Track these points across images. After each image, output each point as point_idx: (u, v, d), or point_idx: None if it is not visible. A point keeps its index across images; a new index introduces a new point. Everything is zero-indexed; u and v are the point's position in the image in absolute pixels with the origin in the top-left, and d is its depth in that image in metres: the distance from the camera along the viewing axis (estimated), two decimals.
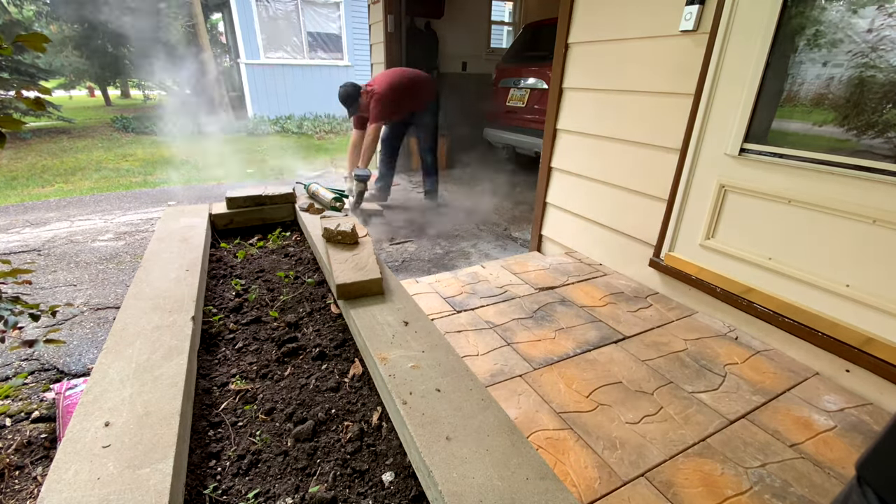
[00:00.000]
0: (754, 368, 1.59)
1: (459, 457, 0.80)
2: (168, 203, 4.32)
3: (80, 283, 2.56)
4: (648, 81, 1.99)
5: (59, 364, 1.87)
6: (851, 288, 1.47)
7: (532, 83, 4.22)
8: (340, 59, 10.74)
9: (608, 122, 2.22)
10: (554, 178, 2.66)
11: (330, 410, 1.08)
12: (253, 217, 2.11)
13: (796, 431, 1.32)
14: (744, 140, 1.68)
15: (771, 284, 1.69)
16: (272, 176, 5.62)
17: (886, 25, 1.34)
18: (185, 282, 1.40)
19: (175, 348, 1.07)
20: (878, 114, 1.40)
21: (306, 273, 1.77)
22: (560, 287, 2.16)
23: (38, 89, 1.31)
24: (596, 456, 1.20)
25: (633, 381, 1.50)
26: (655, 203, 2.05)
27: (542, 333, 1.76)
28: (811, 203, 1.53)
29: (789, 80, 1.60)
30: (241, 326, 1.42)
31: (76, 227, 3.56)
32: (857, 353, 1.46)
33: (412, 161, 5.36)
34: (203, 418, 1.04)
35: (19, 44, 1.00)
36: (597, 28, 2.19)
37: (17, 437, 1.45)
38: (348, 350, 1.33)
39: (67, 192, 4.79)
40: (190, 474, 0.87)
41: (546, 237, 2.82)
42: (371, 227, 3.56)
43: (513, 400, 1.40)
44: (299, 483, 0.89)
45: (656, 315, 1.92)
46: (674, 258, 2.00)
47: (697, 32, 1.76)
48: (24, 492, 1.28)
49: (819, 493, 1.12)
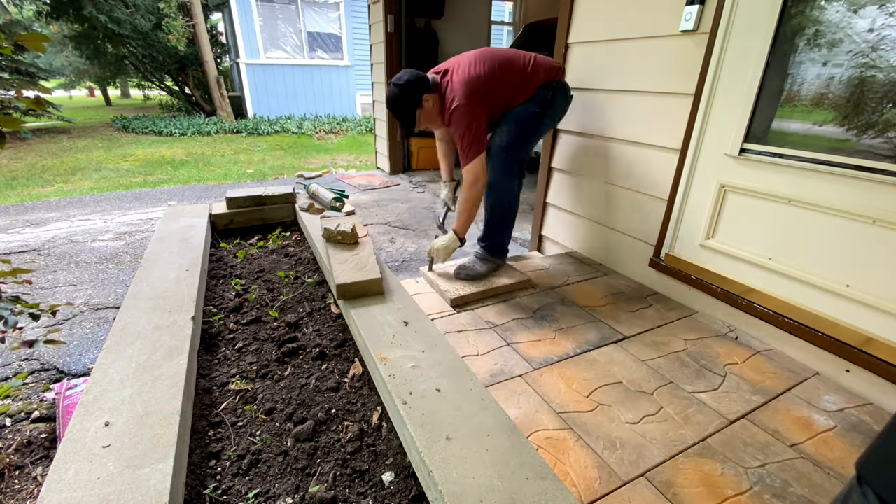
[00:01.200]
0: (754, 368, 1.59)
1: (459, 457, 0.80)
2: (168, 203, 4.32)
3: (80, 283, 2.56)
4: (648, 81, 1.99)
5: (59, 364, 1.87)
6: (851, 288, 1.47)
7: None
8: (340, 59, 10.74)
9: (608, 121, 2.22)
10: (554, 178, 2.66)
11: (330, 410, 1.08)
12: (253, 217, 2.11)
13: (796, 431, 1.32)
14: (744, 140, 1.68)
15: (771, 284, 1.69)
16: (272, 176, 5.62)
17: (887, 25, 1.34)
18: (185, 282, 1.40)
19: (175, 348, 1.07)
20: (879, 113, 1.40)
21: (306, 273, 1.77)
22: (560, 287, 2.16)
23: (38, 89, 1.31)
24: (596, 456, 1.20)
25: (633, 381, 1.50)
26: (655, 203, 2.05)
27: (542, 333, 1.76)
28: (811, 203, 1.53)
29: (789, 80, 1.60)
30: (241, 326, 1.42)
31: (76, 227, 3.56)
32: (857, 353, 1.46)
33: (413, 160, 5.35)
34: (203, 418, 1.04)
35: (19, 44, 1.00)
36: (597, 28, 2.19)
37: (17, 437, 1.45)
38: (348, 350, 1.33)
39: (67, 192, 4.79)
40: (190, 474, 0.87)
41: (546, 237, 2.82)
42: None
43: (513, 400, 1.40)
44: (299, 483, 0.89)
45: (656, 315, 1.92)
46: (674, 258, 2.00)
47: (697, 32, 1.76)
48: (24, 492, 1.28)
49: (819, 493, 1.12)
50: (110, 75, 11.75)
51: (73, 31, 9.67)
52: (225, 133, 8.94)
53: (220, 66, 10.94)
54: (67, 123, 9.25)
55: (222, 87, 9.79)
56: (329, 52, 10.59)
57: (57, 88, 15.51)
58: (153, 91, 12.89)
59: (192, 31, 9.45)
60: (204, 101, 10.53)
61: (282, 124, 9.41)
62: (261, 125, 9.24)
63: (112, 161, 6.47)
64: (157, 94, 13.33)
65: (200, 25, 9.33)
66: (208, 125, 9.08)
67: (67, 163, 6.33)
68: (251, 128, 9.09)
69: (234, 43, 10.13)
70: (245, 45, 9.53)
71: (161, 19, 9.31)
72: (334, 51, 10.64)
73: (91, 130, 9.19)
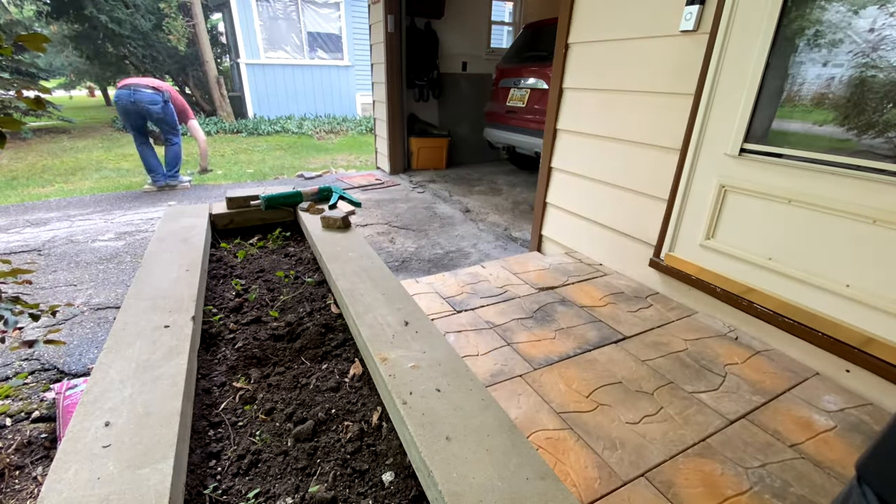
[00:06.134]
0: (754, 368, 1.59)
1: (459, 457, 0.80)
2: (168, 203, 4.32)
3: (80, 283, 2.56)
4: (648, 81, 1.99)
5: (60, 364, 1.87)
6: (851, 288, 1.47)
7: (532, 83, 4.22)
8: (340, 59, 10.74)
9: (608, 122, 2.22)
10: (554, 178, 2.66)
11: (330, 410, 1.08)
12: (253, 217, 2.11)
13: (796, 431, 1.32)
14: (744, 140, 1.68)
15: (771, 284, 1.69)
16: (272, 176, 5.62)
17: (888, 25, 1.34)
18: (185, 282, 1.40)
19: (175, 348, 1.07)
20: (879, 113, 1.40)
21: (306, 273, 1.77)
22: (560, 287, 2.16)
23: (39, 89, 1.31)
24: (596, 456, 1.20)
25: (633, 381, 1.50)
26: (655, 203, 2.05)
27: (542, 333, 1.76)
28: (811, 203, 1.53)
29: (789, 80, 1.60)
30: (241, 326, 1.42)
31: (76, 227, 3.56)
32: (857, 353, 1.46)
33: (413, 160, 5.35)
34: (203, 418, 1.04)
35: (19, 44, 1.00)
36: (597, 28, 2.19)
37: (18, 437, 1.45)
38: (348, 350, 1.33)
39: (67, 192, 4.79)
40: (190, 474, 0.87)
41: (546, 237, 2.82)
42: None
43: (513, 400, 1.40)
44: (299, 483, 0.89)
45: (656, 315, 1.92)
46: (674, 258, 2.00)
47: (697, 32, 1.76)
48: (24, 492, 1.28)
49: (819, 493, 1.12)
50: (110, 75, 11.73)
51: (73, 31, 9.66)
52: (225, 133, 8.94)
53: (221, 66, 10.93)
54: (67, 123, 9.25)
55: (222, 87, 9.79)
56: (329, 52, 10.59)
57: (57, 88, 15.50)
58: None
59: (192, 31, 9.46)
60: (204, 101, 10.53)
61: (282, 124, 9.41)
62: (261, 125, 9.24)
63: (112, 161, 6.47)
64: None
65: (200, 25, 9.33)
66: (208, 125, 9.08)
67: (68, 163, 6.34)
68: (251, 128, 9.09)
69: (234, 43, 10.13)
70: (245, 45, 9.52)
71: (161, 19, 9.32)
72: (334, 51, 10.64)
73: (91, 130, 9.19)
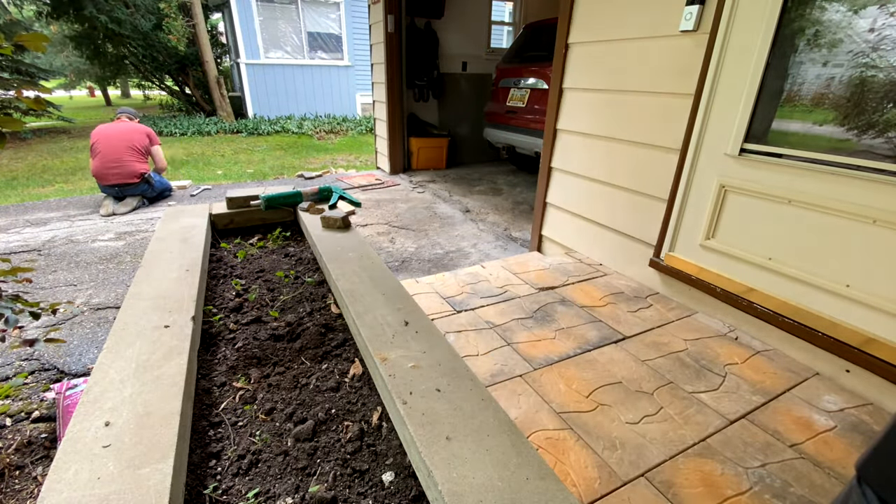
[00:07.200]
0: (754, 368, 1.59)
1: (459, 457, 0.80)
2: (168, 203, 4.32)
3: (80, 283, 2.56)
4: (648, 81, 1.99)
5: (60, 364, 1.87)
6: (851, 288, 1.47)
7: (532, 83, 4.22)
8: (340, 59, 10.74)
9: (608, 122, 2.22)
10: (554, 178, 2.66)
11: (330, 410, 1.08)
12: (253, 217, 2.11)
13: (796, 431, 1.32)
14: (744, 140, 1.68)
15: (771, 284, 1.68)
16: (272, 176, 5.62)
17: (888, 25, 1.34)
18: (185, 282, 1.40)
19: (175, 348, 1.07)
20: (879, 113, 1.40)
21: (306, 273, 1.77)
22: (560, 287, 2.16)
23: (38, 89, 1.31)
24: (596, 456, 1.20)
25: (633, 381, 1.50)
26: (655, 203, 2.05)
27: (542, 333, 1.76)
28: (811, 203, 1.53)
29: (789, 80, 1.60)
30: (241, 326, 1.42)
31: (76, 226, 3.56)
32: (857, 353, 1.46)
33: (413, 160, 5.35)
34: (203, 418, 1.04)
35: (19, 44, 1.00)
36: (597, 28, 2.19)
37: (18, 437, 1.45)
38: (348, 350, 1.33)
39: (67, 192, 4.79)
40: (190, 474, 0.87)
41: (546, 237, 2.82)
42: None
43: (513, 400, 1.40)
44: (299, 483, 0.89)
45: (656, 315, 1.92)
46: (674, 258, 2.00)
47: (697, 32, 1.76)
48: (25, 492, 1.28)
49: (819, 493, 1.12)
50: (110, 75, 11.75)
51: (73, 31, 9.67)
52: (225, 133, 8.94)
53: (221, 66, 10.93)
54: (67, 123, 9.26)
55: (222, 87, 9.79)
56: (329, 52, 10.59)
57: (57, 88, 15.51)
58: (153, 91, 12.89)
59: (192, 31, 9.45)
60: (204, 101, 10.53)
61: (282, 124, 9.41)
62: (261, 125, 9.24)
63: None
64: (157, 94, 13.32)
65: (200, 25, 9.33)
66: (208, 125, 9.08)
67: (67, 163, 6.33)
68: (251, 128, 9.08)
69: (234, 43, 10.13)
70: (245, 45, 9.52)
71: (161, 19, 9.31)
72: (334, 51, 10.64)
73: (91, 130, 9.18)
